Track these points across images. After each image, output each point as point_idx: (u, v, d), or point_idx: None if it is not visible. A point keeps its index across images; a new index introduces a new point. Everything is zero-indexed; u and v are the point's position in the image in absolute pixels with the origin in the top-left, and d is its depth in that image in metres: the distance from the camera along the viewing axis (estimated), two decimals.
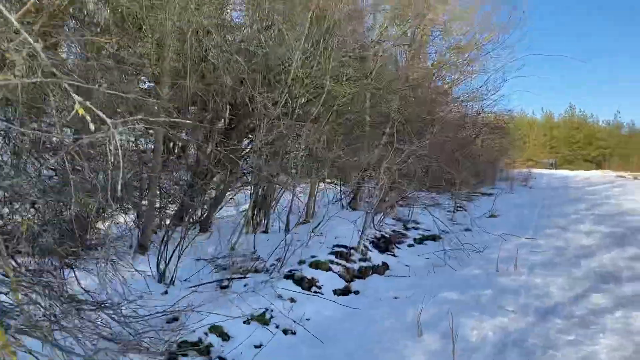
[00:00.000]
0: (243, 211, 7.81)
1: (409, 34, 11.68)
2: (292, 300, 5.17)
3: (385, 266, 6.87)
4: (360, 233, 6.96)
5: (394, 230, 8.38)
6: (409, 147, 7.35)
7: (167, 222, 7.16)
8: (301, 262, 6.15)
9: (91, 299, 3.83)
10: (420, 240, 8.39)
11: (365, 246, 7.13)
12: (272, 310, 4.86)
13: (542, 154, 49.17)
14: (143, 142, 8.23)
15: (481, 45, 19.96)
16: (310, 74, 7.61)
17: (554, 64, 76.83)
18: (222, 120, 7.60)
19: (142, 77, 6.79)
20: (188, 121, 7.35)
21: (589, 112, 53.95)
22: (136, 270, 4.96)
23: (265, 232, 7.98)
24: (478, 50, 19.90)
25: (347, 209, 9.68)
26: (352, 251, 6.73)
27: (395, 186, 7.78)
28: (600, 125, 52.10)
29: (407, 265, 6.98)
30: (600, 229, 9.04)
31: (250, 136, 8.24)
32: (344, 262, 6.39)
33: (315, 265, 6.04)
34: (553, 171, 33.23)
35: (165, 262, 5.68)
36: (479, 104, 16.93)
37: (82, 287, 4.11)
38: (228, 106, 7.55)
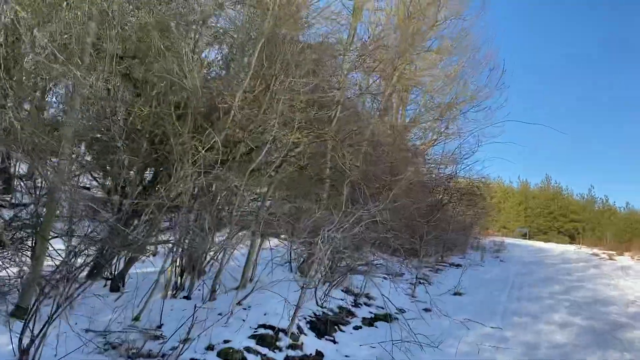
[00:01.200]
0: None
1: (378, 86, 10.90)
2: None
3: (319, 357, 5.58)
4: (294, 311, 5.71)
5: (340, 307, 7.14)
6: (362, 210, 6.24)
7: (73, 277, 5.89)
8: (209, 348, 4.88)
9: None
10: (370, 321, 7.14)
11: (299, 328, 5.88)
12: None
13: (517, 222, 48.84)
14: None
15: (460, 108, 19.67)
16: (254, 118, 6.57)
17: (533, 134, 77.87)
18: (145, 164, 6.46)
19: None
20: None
21: (564, 185, 54.18)
22: None
23: (187, 298, 6.69)
24: (456, 111, 19.58)
25: (296, 273, 8.45)
26: (280, 334, 5.47)
27: (341, 256, 6.63)
28: (575, 199, 52.27)
29: (346, 357, 5.72)
30: (576, 320, 7.93)
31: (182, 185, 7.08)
32: (265, 351, 5.12)
33: (225, 354, 4.77)
34: (526, 242, 32.38)
35: (32, 333, 4.33)
36: (452, 168, 16.18)
37: None
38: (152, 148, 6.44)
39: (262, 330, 5.43)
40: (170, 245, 6.53)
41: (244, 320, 5.61)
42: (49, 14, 5.48)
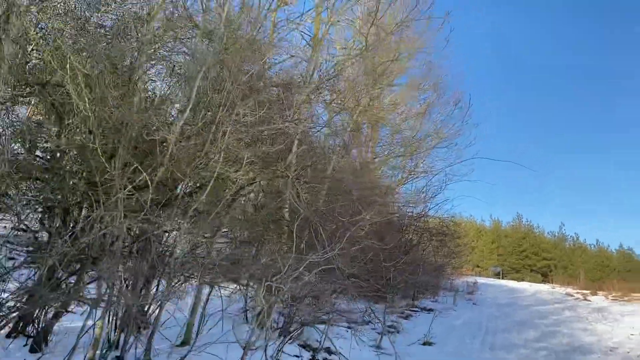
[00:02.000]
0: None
1: (344, 122, 10.43)
2: None
3: None
4: None
5: None
6: (317, 255, 5.56)
7: None
8: None
9: None
10: None
11: None
12: None
13: (490, 260, 48.61)
14: None
15: (429, 146, 19.48)
16: (197, 153, 5.92)
17: (504, 171, 78.53)
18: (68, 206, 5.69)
19: None
20: None
21: (535, 223, 54.28)
22: None
23: (120, 358, 5.84)
24: (426, 149, 19.39)
25: (250, 325, 7.64)
26: None
27: (295, 308, 5.90)
28: (546, 237, 52.37)
29: None
30: None
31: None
32: None
33: None
34: (499, 281, 31.82)
35: None
36: (422, 207, 15.71)
37: None
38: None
39: None
40: (96, 297, 5.72)
41: None
42: None
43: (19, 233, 6.82)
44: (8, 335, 5.74)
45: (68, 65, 5.28)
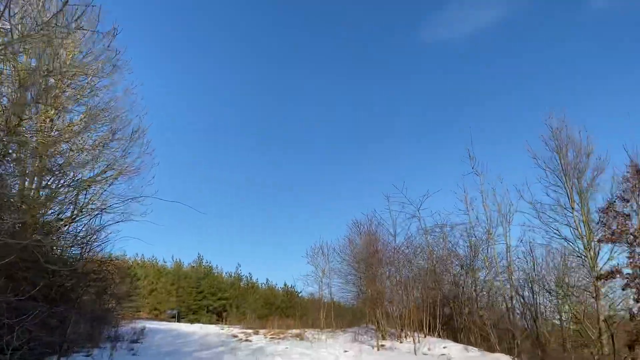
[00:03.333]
0: None
1: None
2: None
3: None
4: None
5: None
6: None
7: None
8: None
9: None
10: None
11: None
12: None
13: (169, 303, 47.80)
14: None
15: (106, 181, 18.21)
16: None
17: (184, 213, 79.17)
18: None
19: None
20: None
21: (215, 263, 55.94)
22: None
23: None
24: (102, 185, 18.09)
25: None
26: None
27: None
28: (224, 277, 54.50)
29: None
30: None
31: None
32: None
33: None
34: (172, 325, 31.07)
35: None
36: (85, 247, 14.27)
37: None
38: None
39: None
40: None
41: None
42: None
43: None
44: None
45: None
